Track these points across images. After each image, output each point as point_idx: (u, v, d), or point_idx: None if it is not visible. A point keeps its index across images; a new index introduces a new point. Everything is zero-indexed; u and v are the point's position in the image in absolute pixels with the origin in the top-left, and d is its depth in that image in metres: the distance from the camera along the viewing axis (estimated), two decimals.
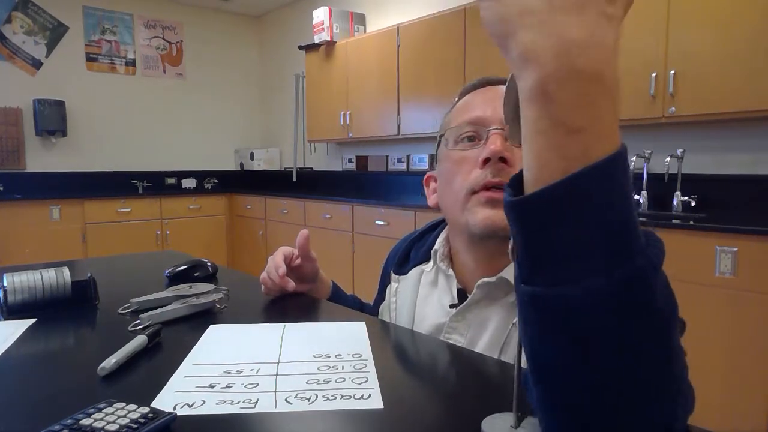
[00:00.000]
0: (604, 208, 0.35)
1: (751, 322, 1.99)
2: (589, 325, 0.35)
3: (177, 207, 5.02)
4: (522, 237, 0.37)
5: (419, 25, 3.70)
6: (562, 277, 0.35)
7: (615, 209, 0.35)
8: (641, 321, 0.35)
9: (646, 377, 0.37)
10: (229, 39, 5.94)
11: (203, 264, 1.19)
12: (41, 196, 4.38)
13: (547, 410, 0.40)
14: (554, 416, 0.40)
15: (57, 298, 0.92)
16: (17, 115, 4.68)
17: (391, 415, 0.54)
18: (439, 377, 0.69)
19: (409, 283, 0.90)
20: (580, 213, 0.35)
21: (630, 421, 0.37)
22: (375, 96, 4.09)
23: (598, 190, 0.34)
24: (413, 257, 0.92)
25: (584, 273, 0.34)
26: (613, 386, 0.36)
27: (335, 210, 4.02)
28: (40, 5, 4.77)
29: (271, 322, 0.84)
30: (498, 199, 0.72)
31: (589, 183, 0.34)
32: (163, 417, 0.50)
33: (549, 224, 0.35)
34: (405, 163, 4.23)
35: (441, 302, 0.84)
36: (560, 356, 0.37)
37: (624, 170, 0.35)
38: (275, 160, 5.80)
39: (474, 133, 0.78)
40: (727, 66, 2.28)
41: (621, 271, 0.34)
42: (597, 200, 0.34)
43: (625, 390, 0.36)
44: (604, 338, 0.35)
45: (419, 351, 0.79)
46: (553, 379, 0.38)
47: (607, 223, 0.35)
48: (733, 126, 2.59)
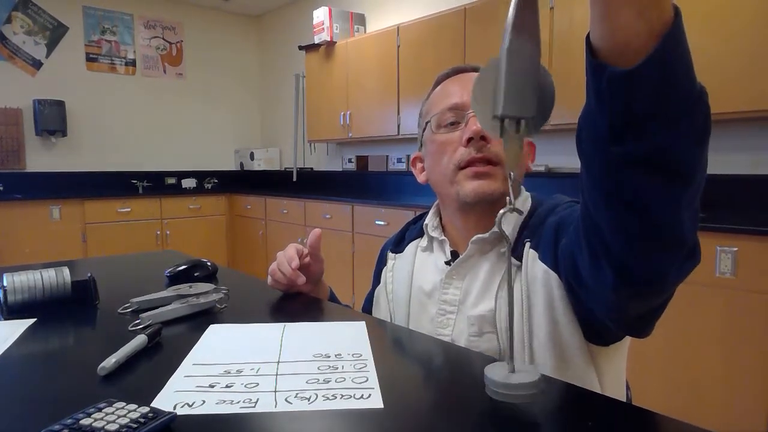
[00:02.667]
0: (687, 53, 0.47)
1: (751, 322, 1.99)
2: (683, 158, 0.50)
3: (177, 207, 5.02)
4: (636, 97, 0.47)
5: (419, 25, 3.70)
6: (662, 125, 0.48)
7: (689, 55, 0.47)
8: (707, 145, 0.52)
9: (697, 207, 0.55)
10: (229, 39, 5.94)
11: (203, 264, 1.19)
12: (41, 196, 4.38)
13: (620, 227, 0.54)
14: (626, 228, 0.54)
15: (57, 298, 0.92)
16: (17, 115, 4.68)
17: (391, 415, 0.54)
18: (439, 377, 0.69)
19: (406, 258, 0.98)
20: (681, 59, 0.47)
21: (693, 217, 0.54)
22: (375, 96, 4.09)
23: (683, 37, 0.46)
24: (408, 236, 1.01)
25: (680, 113, 0.48)
26: (692, 199, 0.53)
27: (335, 210, 4.02)
28: (40, 5, 4.77)
29: (271, 322, 0.84)
30: (482, 172, 0.83)
31: (680, 34, 0.46)
32: (162, 417, 0.50)
33: (666, 72, 0.46)
34: (405, 163, 4.22)
35: (436, 264, 0.92)
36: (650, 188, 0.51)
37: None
38: (275, 160, 5.80)
39: (455, 118, 0.87)
40: (727, 66, 2.28)
41: (702, 104, 0.50)
42: (684, 47, 0.47)
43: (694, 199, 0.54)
44: (692, 164, 0.51)
45: (419, 351, 0.79)
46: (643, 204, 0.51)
47: (690, 64, 0.48)
48: (733, 126, 2.59)
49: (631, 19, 0.45)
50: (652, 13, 0.45)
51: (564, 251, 0.72)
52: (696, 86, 0.49)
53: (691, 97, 0.49)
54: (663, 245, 0.54)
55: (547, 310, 0.76)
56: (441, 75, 0.95)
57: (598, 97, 0.50)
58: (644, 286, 0.57)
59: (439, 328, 0.87)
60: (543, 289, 0.77)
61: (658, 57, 0.45)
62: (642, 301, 0.60)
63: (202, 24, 5.72)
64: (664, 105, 0.48)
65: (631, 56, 0.46)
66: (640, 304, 0.61)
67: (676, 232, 0.53)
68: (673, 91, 0.47)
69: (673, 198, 0.51)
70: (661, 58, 0.45)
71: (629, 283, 0.57)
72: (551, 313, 0.76)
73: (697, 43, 2.43)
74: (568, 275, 0.72)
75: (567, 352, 0.76)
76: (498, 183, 0.82)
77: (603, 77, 0.48)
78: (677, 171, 0.50)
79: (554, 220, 0.79)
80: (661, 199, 0.51)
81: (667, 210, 0.52)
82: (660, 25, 0.45)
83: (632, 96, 0.47)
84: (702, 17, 2.35)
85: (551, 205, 0.85)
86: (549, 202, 0.86)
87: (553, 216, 0.81)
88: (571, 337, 0.75)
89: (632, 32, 0.46)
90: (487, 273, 0.85)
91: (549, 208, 0.84)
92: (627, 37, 0.46)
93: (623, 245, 0.55)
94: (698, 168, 0.52)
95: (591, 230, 0.59)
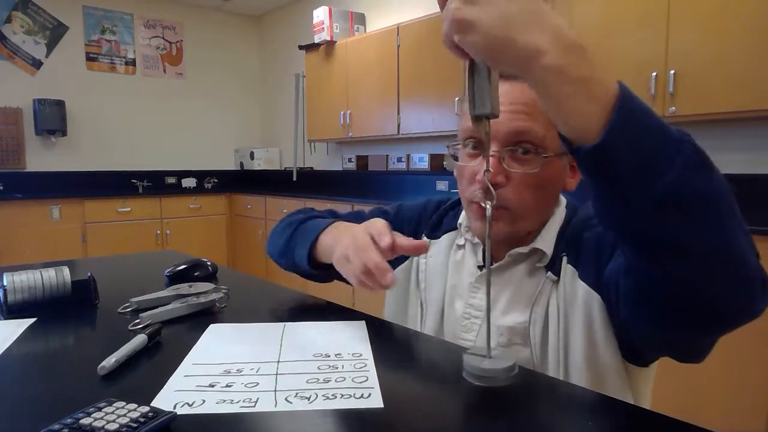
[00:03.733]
0: (648, 109, 0.50)
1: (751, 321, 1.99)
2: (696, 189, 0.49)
3: (177, 207, 5.02)
4: (617, 159, 0.49)
5: (419, 25, 3.70)
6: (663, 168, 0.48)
7: (647, 108, 0.50)
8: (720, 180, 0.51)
9: (745, 230, 0.53)
10: (229, 39, 5.94)
11: (203, 263, 1.19)
12: (41, 196, 4.38)
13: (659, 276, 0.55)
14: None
15: (57, 298, 0.92)
16: (17, 114, 4.68)
17: (391, 414, 0.54)
18: (439, 377, 0.69)
19: (441, 249, 0.93)
20: (642, 119, 0.49)
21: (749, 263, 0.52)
22: (375, 96, 4.09)
23: (634, 97, 0.49)
24: (445, 224, 0.96)
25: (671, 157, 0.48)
26: (733, 224, 0.52)
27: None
28: (40, 5, 4.77)
29: (271, 322, 0.84)
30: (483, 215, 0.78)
31: (631, 98, 0.49)
32: (162, 416, 0.50)
33: (630, 140, 0.49)
34: (405, 162, 4.22)
35: (468, 265, 0.89)
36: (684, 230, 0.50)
37: None
38: (275, 160, 5.80)
39: (476, 144, 0.80)
40: (727, 66, 2.28)
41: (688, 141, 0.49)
42: (641, 105, 0.49)
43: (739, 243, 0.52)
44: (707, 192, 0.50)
45: (419, 351, 0.79)
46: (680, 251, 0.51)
47: (655, 116, 0.50)
48: (732, 126, 2.59)
49: (581, 103, 0.49)
50: (597, 90, 0.49)
51: (614, 282, 0.69)
52: (671, 129, 0.50)
53: (670, 137, 0.50)
54: (733, 276, 0.53)
55: (585, 331, 0.74)
56: None
57: (589, 174, 0.52)
58: (736, 322, 0.56)
59: (463, 331, 0.84)
60: (583, 309, 0.75)
61: (617, 126, 0.48)
62: (723, 333, 0.59)
63: (202, 24, 5.72)
64: (643, 154, 0.49)
65: (594, 133, 0.49)
66: (717, 337, 0.60)
67: (735, 256, 0.52)
68: (646, 139, 0.49)
69: (710, 228, 0.50)
70: (620, 126, 0.49)
71: (718, 322, 0.56)
72: (590, 335, 0.74)
73: (697, 43, 2.44)
74: (621, 308, 0.69)
75: (604, 372, 0.74)
76: (502, 225, 0.78)
77: (582, 157, 0.51)
78: (698, 202, 0.50)
79: (591, 236, 0.77)
80: (700, 234, 0.50)
81: (714, 239, 0.51)
82: (609, 97, 0.49)
83: (614, 160, 0.49)
84: (702, 17, 2.35)
85: (584, 216, 0.82)
86: (582, 212, 0.83)
87: (589, 231, 0.79)
88: (610, 358, 0.73)
89: (586, 113, 0.49)
90: (518, 283, 0.82)
91: (583, 220, 0.81)
92: (584, 119, 0.49)
93: (700, 292, 0.53)
94: (717, 192, 0.51)
95: (653, 287, 0.58)
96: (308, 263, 0.91)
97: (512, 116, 0.74)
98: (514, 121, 0.74)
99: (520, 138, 0.75)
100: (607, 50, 2.64)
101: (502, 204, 0.76)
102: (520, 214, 0.78)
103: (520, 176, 0.76)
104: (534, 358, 0.78)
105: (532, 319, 0.78)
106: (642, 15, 2.52)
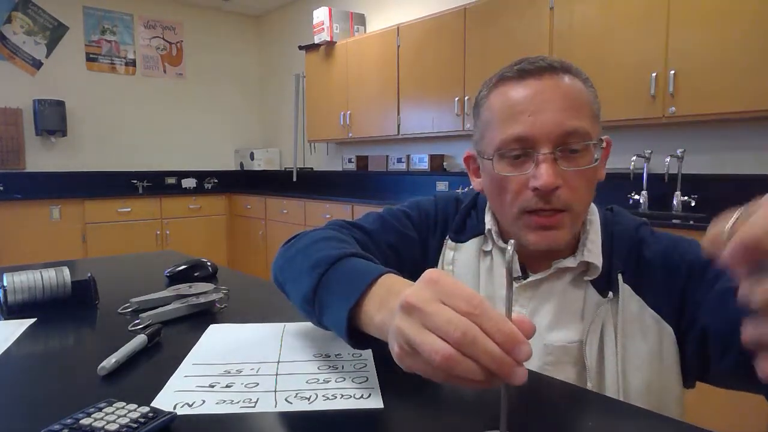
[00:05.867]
0: None
1: None
2: None
3: (177, 207, 5.02)
4: None
5: (419, 25, 3.70)
6: None
7: None
8: None
9: None
10: (229, 39, 5.94)
11: (203, 264, 1.19)
12: (41, 196, 4.38)
13: None
14: None
15: (57, 298, 0.92)
16: (17, 115, 4.68)
17: (391, 415, 0.54)
18: None
19: (469, 253, 0.86)
20: None
21: None
22: (375, 96, 4.09)
23: None
24: (469, 226, 0.89)
25: None
26: None
27: (335, 210, 4.02)
28: (40, 5, 4.77)
29: (271, 322, 0.84)
30: (549, 225, 0.73)
31: None
32: (162, 416, 0.50)
33: None
34: (405, 163, 4.22)
35: (502, 276, 0.82)
36: None
37: None
38: (275, 160, 5.80)
39: (521, 152, 0.73)
40: (727, 66, 2.28)
41: None
42: None
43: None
44: None
45: None
46: None
47: None
48: (733, 126, 2.59)
49: None
50: None
51: (720, 338, 0.67)
52: None
53: None
54: None
55: (651, 357, 0.72)
56: (500, 75, 0.77)
57: None
58: None
59: None
60: (651, 337, 0.72)
61: None
62: None
63: (202, 24, 5.72)
64: None
65: None
66: None
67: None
68: None
69: None
70: None
71: None
72: (657, 363, 0.72)
73: (697, 43, 2.45)
74: (721, 363, 0.67)
75: (664, 399, 0.72)
76: (565, 232, 0.74)
77: None
78: None
79: (654, 258, 0.75)
80: None
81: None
82: None
83: None
84: (702, 17, 2.35)
85: (629, 226, 0.80)
86: (621, 220, 0.81)
87: (649, 250, 0.76)
88: (673, 385, 0.72)
89: None
90: (560, 297, 0.78)
91: (632, 233, 0.79)
92: None
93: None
94: None
95: None
96: (347, 334, 0.59)
97: (559, 115, 0.71)
98: (563, 121, 0.71)
99: (568, 138, 0.71)
100: (607, 50, 2.65)
101: (563, 207, 0.72)
102: (579, 214, 0.75)
103: (572, 174, 0.72)
104: (590, 379, 0.74)
105: (588, 339, 0.74)
106: (642, 15, 2.52)
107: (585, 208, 0.77)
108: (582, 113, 0.73)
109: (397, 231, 0.89)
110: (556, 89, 0.72)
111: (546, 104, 0.71)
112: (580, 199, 0.74)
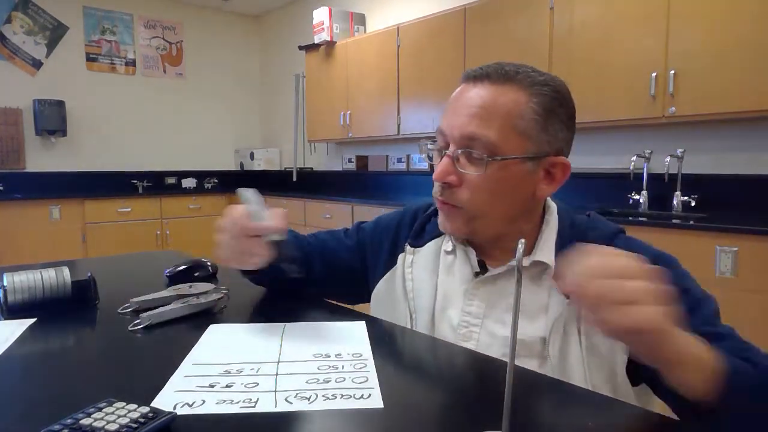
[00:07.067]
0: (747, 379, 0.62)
1: (751, 322, 1.99)
2: None
3: (177, 207, 5.02)
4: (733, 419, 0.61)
5: (419, 25, 3.70)
6: None
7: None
8: None
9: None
10: (229, 39, 5.94)
11: (203, 264, 1.19)
12: (41, 196, 4.37)
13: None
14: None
15: (57, 298, 0.92)
16: (17, 115, 4.68)
17: (391, 415, 0.54)
18: (439, 377, 0.69)
19: (426, 257, 0.92)
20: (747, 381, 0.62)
21: None
22: (375, 96, 4.09)
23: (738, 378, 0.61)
24: (429, 231, 0.95)
25: None
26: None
27: (335, 210, 4.02)
28: (40, 5, 4.77)
29: (271, 322, 0.84)
30: (443, 211, 0.83)
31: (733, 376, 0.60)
32: (162, 416, 0.50)
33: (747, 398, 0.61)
34: (405, 163, 4.23)
35: (461, 271, 0.88)
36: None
37: None
38: (275, 160, 5.80)
39: (444, 146, 0.82)
40: (728, 66, 2.28)
41: None
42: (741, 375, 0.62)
43: None
44: None
45: (419, 351, 0.79)
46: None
47: None
48: (732, 126, 2.59)
49: (688, 376, 0.60)
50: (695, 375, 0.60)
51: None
52: None
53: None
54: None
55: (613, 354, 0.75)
56: (464, 73, 0.85)
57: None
58: None
59: (462, 340, 0.83)
60: (605, 344, 0.75)
61: (723, 391, 0.59)
62: None
63: (202, 24, 5.72)
64: None
65: (705, 392, 0.59)
66: None
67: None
68: None
69: None
70: (725, 390, 0.59)
71: None
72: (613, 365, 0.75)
73: (697, 43, 2.44)
74: (643, 372, 0.72)
75: (624, 394, 0.75)
76: (458, 224, 0.82)
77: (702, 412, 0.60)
78: None
79: None
80: None
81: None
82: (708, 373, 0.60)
83: None
84: (702, 17, 2.35)
85: (583, 226, 0.83)
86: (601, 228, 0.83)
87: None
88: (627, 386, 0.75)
89: (692, 382, 0.60)
90: None
91: (584, 233, 0.81)
92: (693, 384, 0.60)
93: None
94: None
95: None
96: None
97: (466, 120, 0.77)
98: (467, 126, 0.77)
99: (470, 143, 0.77)
100: (607, 50, 2.64)
101: (456, 204, 0.80)
102: (474, 215, 0.80)
103: (472, 178, 0.78)
104: (552, 373, 0.76)
105: (551, 337, 0.77)
106: (642, 15, 2.52)
107: (484, 214, 0.80)
108: (491, 124, 0.76)
109: (340, 240, 1.06)
110: (477, 97, 0.78)
111: (462, 108, 0.78)
112: (474, 202, 0.79)
